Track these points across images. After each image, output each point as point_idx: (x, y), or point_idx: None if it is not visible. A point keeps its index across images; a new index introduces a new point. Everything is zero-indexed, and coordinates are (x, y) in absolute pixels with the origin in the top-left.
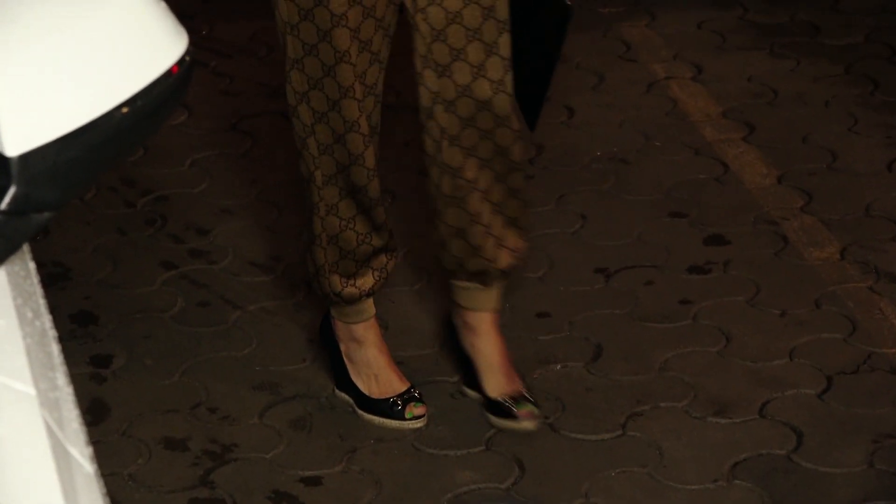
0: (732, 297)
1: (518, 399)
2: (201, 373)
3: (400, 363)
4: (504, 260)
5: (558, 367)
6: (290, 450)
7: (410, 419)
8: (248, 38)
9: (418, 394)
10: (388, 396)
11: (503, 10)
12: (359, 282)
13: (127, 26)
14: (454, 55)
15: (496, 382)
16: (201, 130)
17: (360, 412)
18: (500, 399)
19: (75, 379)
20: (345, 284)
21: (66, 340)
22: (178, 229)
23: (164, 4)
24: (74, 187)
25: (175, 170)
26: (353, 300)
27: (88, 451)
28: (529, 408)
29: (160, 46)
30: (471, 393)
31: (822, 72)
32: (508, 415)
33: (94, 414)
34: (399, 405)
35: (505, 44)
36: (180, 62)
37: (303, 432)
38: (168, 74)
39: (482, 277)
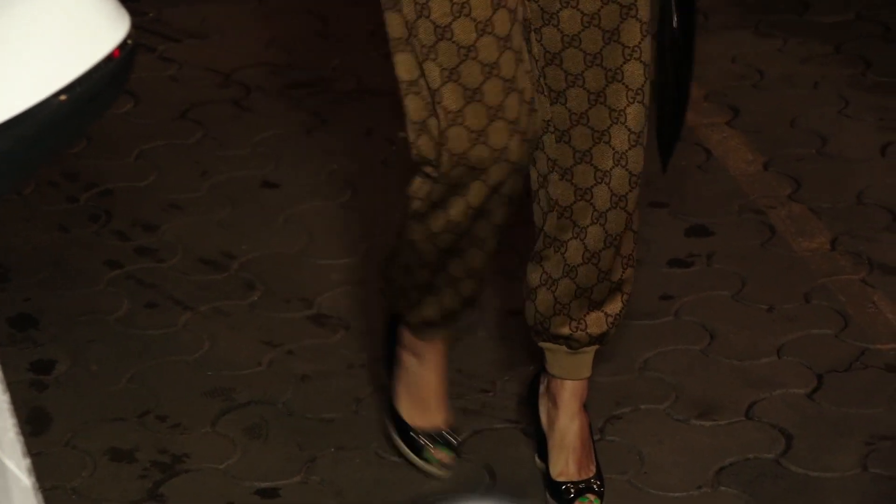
0: (716, 291)
1: (583, 489)
2: (150, 379)
3: (363, 366)
4: (596, 325)
5: (531, 367)
6: (245, 460)
7: (433, 463)
8: (198, 22)
9: (455, 438)
10: (422, 428)
11: (631, 35)
12: (430, 330)
13: (63, 7)
14: (570, 81)
15: (564, 466)
16: (148, 120)
17: (391, 432)
18: (561, 483)
19: (15, 387)
20: (414, 318)
21: (5, 346)
22: (124, 226)
23: None
24: (9, 181)
25: (120, 162)
26: (419, 332)
27: (26, 462)
28: (591, 500)
29: (100, 29)
30: (541, 464)
31: (810, 51)
32: (566, 502)
33: (35, 424)
34: (427, 444)
35: (631, 72)
36: (122, 46)
37: (258, 441)
38: (109, 59)
39: (568, 341)
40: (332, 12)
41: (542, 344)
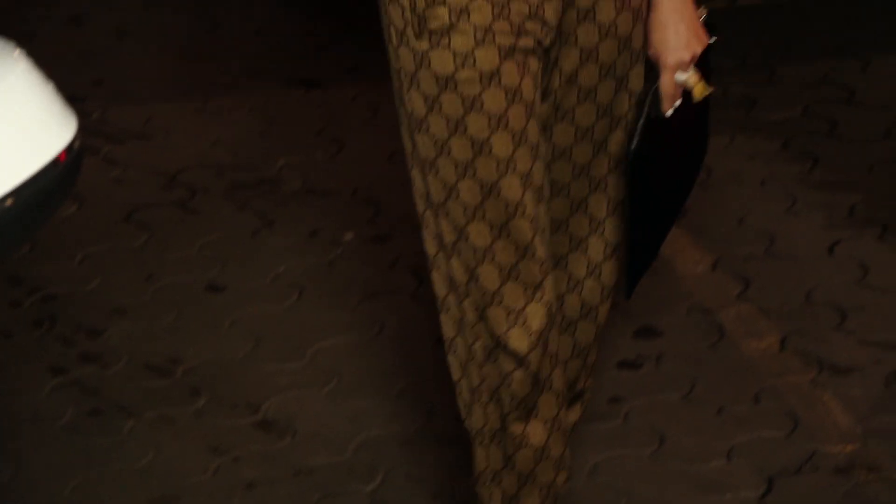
0: (666, 393)
1: None
2: (95, 488)
3: (309, 473)
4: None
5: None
6: None
7: None
8: (142, 123)
9: None
10: None
11: (619, 147)
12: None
13: (9, 110)
14: (556, 190)
15: None
16: (92, 223)
17: None
18: None
19: None
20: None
21: None
22: (68, 331)
23: (51, 85)
24: None
25: (64, 266)
26: None
27: None
28: None
29: (47, 132)
30: None
31: (758, 148)
32: None
33: None
34: None
35: (615, 182)
36: (69, 149)
37: None
38: (56, 163)
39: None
40: (277, 112)
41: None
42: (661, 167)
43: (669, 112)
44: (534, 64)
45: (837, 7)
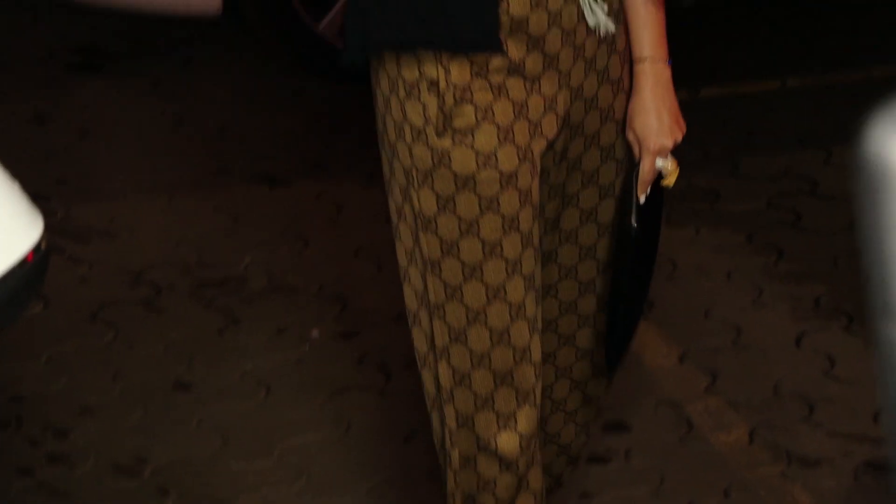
0: (635, 488)
1: None
2: None
3: None
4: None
5: None
6: None
7: None
8: (107, 221)
9: None
10: None
11: (603, 251)
12: None
13: None
14: (563, 274)
15: None
16: (58, 322)
17: None
18: None
19: None
20: None
21: None
22: (35, 431)
23: (17, 186)
24: None
25: (31, 366)
26: None
27: None
28: None
29: (14, 232)
30: None
31: (723, 240)
32: None
33: None
34: None
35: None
36: (36, 249)
37: None
38: (23, 263)
39: None
40: (241, 210)
41: None
42: (642, 244)
43: (643, 197)
44: (539, 164)
45: (799, 99)
